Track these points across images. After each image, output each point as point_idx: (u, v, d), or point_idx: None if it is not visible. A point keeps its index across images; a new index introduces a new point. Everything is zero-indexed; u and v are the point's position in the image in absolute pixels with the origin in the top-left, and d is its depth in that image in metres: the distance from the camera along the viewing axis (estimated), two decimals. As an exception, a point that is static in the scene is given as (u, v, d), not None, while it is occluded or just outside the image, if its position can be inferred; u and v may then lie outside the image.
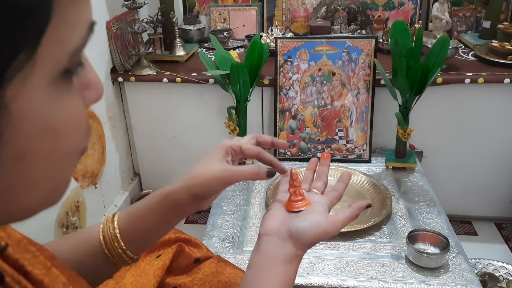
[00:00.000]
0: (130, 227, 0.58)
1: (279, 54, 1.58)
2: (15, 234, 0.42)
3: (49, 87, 0.28)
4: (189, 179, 0.58)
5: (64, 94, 0.29)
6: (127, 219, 0.59)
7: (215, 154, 0.61)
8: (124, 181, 1.84)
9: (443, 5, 1.89)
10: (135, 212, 0.59)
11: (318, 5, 1.98)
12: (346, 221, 0.59)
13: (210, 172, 0.58)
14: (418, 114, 1.57)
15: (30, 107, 0.27)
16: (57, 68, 0.28)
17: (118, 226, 0.58)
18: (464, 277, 1.06)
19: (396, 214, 1.29)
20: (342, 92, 1.58)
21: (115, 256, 0.57)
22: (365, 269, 1.09)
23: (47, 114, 0.28)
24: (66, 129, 0.30)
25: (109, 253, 0.57)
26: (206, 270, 0.78)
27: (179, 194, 0.58)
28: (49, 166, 0.30)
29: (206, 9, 2.07)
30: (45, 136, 0.28)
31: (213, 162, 0.59)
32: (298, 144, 1.62)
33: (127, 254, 0.58)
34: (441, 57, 1.37)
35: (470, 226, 1.82)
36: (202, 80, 1.63)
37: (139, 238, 0.59)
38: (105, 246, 0.57)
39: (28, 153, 0.28)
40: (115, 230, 0.57)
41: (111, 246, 0.57)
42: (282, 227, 0.57)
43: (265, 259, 0.55)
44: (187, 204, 0.58)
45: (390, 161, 1.54)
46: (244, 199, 1.39)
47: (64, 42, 0.28)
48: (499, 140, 1.66)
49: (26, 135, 0.27)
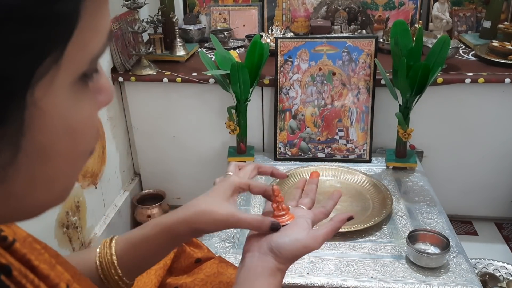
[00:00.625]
0: (127, 255, 0.58)
1: (279, 54, 1.58)
2: (20, 232, 0.42)
3: (70, 89, 0.29)
4: (194, 215, 0.58)
5: (82, 96, 0.31)
6: (125, 246, 0.59)
7: (223, 191, 0.61)
8: (125, 181, 1.84)
9: (443, 5, 1.89)
10: (133, 240, 0.59)
11: (318, 5, 1.98)
12: (327, 235, 0.59)
13: (217, 213, 0.58)
14: (419, 114, 1.57)
15: (54, 107, 0.28)
16: (78, 72, 0.29)
17: (115, 252, 0.58)
18: (465, 277, 1.06)
19: (397, 214, 1.29)
20: (343, 92, 1.58)
21: (111, 282, 0.58)
22: (366, 269, 1.09)
23: (67, 114, 0.29)
24: (83, 129, 0.31)
25: (105, 278, 0.57)
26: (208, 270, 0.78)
27: (180, 227, 0.58)
28: (65, 164, 0.31)
29: (207, 9, 2.07)
30: (65, 135, 0.30)
31: (220, 201, 0.59)
32: (299, 144, 1.62)
33: (123, 280, 0.58)
34: (442, 57, 1.37)
35: (470, 226, 1.82)
36: (203, 80, 1.63)
37: (135, 266, 0.59)
38: (101, 271, 0.57)
39: (48, 151, 0.29)
40: (112, 256, 0.57)
41: (108, 272, 0.57)
42: (263, 243, 0.58)
43: (249, 274, 0.56)
44: (187, 236, 0.59)
45: (390, 161, 1.54)
46: (244, 199, 1.39)
47: (87, 47, 0.29)
48: (499, 140, 1.66)
49: (48, 133, 0.29)
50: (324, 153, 1.61)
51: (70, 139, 0.30)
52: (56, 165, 0.30)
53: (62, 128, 0.29)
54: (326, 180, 1.45)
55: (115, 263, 0.57)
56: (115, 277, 0.57)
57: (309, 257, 1.13)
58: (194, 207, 0.59)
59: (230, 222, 0.58)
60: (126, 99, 1.76)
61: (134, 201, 1.81)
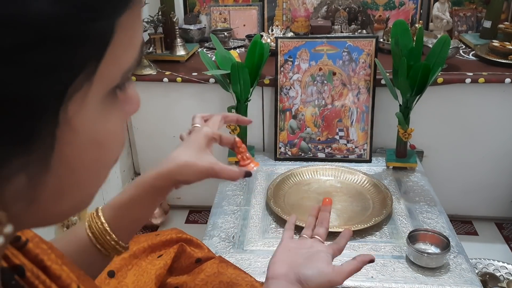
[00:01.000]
0: (118, 220, 0.59)
1: (279, 53, 1.58)
2: (28, 232, 0.43)
3: (101, 102, 0.29)
4: (176, 167, 0.60)
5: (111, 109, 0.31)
6: (113, 212, 0.60)
7: (199, 142, 0.64)
8: (125, 181, 1.84)
9: (443, 5, 1.89)
10: (120, 204, 0.60)
11: (318, 4, 1.98)
12: (351, 273, 0.66)
13: (198, 165, 0.60)
14: (419, 114, 1.57)
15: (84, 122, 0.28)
16: (110, 86, 0.29)
17: (105, 221, 0.59)
18: (465, 277, 1.06)
19: (397, 214, 1.29)
20: (343, 92, 1.58)
21: (108, 248, 0.59)
22: (366, 269, 1.09)
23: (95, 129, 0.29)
24: (109, 142, 0.31)
25: (102, 246, 0.58)
26: (208, 270, 0.78)
27: (164, 182, 0.60)
28: (91, 174, 0.31)
29: (207, 8, 2.07)
30: (91, 148, 0.30)
31: (199, 152, 0.62)
32: (299, 144, 1.62)
33: (120, 244, 0.59)
34: (442, 57, 1.37)
35: (470, 226, 1.82)
36: (203, 80, 1.63)
37: (128, 228, 0.61)
38: (96, 241, 0.58)
39: (75, 163, 0.29)
40: (103, 225, 0.59)
41: (103, 240, 0.58)
42: (290, 272, 0.63)
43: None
44: (170, 188, 0.61)
45: (390, 161, 1.54)
46: (244, 199, 1.39)
47: (119, 62, 0.29)
48: (499, 140, 1.66)
49: (75, 146, 0.29)
50: (324, 153, 1.61)
51: (96, 152, 0.30)
52: (81, 176, 0.30)
53: (90, 141, 0.29)
54: (327, 180, 1.45)
55: (108, 229, 0.58)
56: (111, 242, 0.58)
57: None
58: (175, 160, 0.61)
59: (210, 173, 0.61)
60: (126, 99, 1.76)
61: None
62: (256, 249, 1.17)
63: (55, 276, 0.40)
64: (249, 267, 1.10)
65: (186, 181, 0.61)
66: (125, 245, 0.60)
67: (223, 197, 1.41)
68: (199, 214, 1.92)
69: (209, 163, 0.61)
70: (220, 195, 1.42)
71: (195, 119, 0.72)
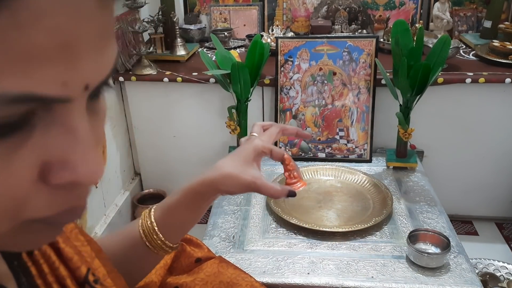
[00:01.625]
0: (165, 220, 0.61)
1: (280, 53, 1.58)
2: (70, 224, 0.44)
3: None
4: (219, 177, 0.61)
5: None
6: (162, 213, 0.62)
7: (247, 155, 0.63)
8: (125, 181, 1.84)
9: (444, 5, 1.89)
10: (167, 206, 0.62)
11: (319, 4, 1.98)
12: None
13: (241, 178, 0.60)
14: (419, 114, 1.57)
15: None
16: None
17: (154, 220, 0.61)
18: (465, 277, 1.06)
19: (397, 214, 1.29)
20: (343, 91, 1.58)
21: (156, 247, 0.61)
22: (366, 269, 1.09)
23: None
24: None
25: (150, 244, 0.60)
26: (208, 270, 0.78)
27: (207, 189, 0.61)
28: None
29: (207, 8, 2.07)
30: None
31: (244, 165, 0.62)
32: (299, 143, 1.62)
33: (166, 244, 0.61)
34: (442, 57, 1.37)
35: (471, 226, 1.82)
36: (203, 79, 1.63)
37: (175, 229, 0.63)
38: (145, 238, 0.60)
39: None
40: (152, 224, 0.61)
41: (151, 238, 0.60)
42: None
43: None
44: (214, 195, 0.62)
45: (391, 161, 1.54)
46: (245, 199, 1.39)
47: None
48: (500, 140, 1.66)
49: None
50: (324, 153, 1.61)
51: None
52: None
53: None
54: (327, 180, 1.45)
55: (156, 229, 0.60)
56: (158, 241, 0.60)
57: (309, 257, 1.13)
58: (220, 170, 0.61)
59: (252, 187, 0.61)
60: (127, 99, 1.76)
61: (134, 200, 1.81)
62: (256, 249, 1.17)
63: (67, 257, 0.41)
64: (249, 267, 1.10)
65: (228, 192, 0.62)
66: (173, 245, 0.62)
67: (223, 197, 1.41)
68: (199, 214, 1.92)
69: (251, 178, 0.60)
70: (220, 195, 1.42)
71: (254, 127, 0.70)
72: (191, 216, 0.63)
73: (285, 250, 1.16)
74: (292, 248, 1.16)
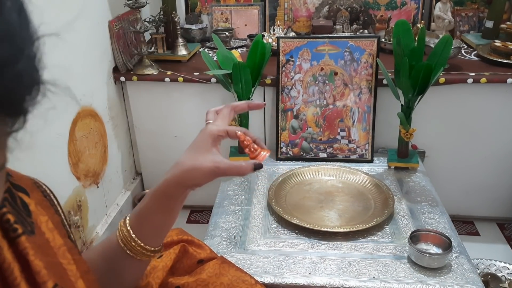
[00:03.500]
0: (141, 226, 0.62)
1: (281, 53, 1.58)
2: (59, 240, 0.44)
3: None
4: (182, 173, 0.60)
5: None
6: (136, 220, 0.62)
7: (203, 143, 0.63)
8: (126, 181, 1.85)
9: (445, 5, 1.89)
10: (139, 213, 0.62)
11: (320, 4, 1.98)
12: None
13: (203, 167, 0.60)
14: (421, 114, 1.57)
15: None
16: None
17: (130, 228, 0.61)
18: (467, 277, 1.06)
19: (399, 214, 1.29)
20: (344, 91, 1.58)
21: (137, 253, 0.61)
22: (367, 269, 1.09)
23: None
24: None
25: (131, 252, 0.61)
26: (210, 271, 0.78)
27: (174, 189, 0.60)
28: None
29: (208, 8, 2.07)
30: None
31: (203, 154, 0.61)
32: (300, 143, 1.62)
33: (147, 248, 0.61)
34: (444, 57, 1.36)
35: (472, 226, 1.82)
36: (204, 79, 1.63)
37: (152, 233, 0.62)
38: (125, 247, 0.61)
39: None
40: (129, 232, 0.61)
41: (130, 246, 0.61)
42: None
43: None
44: (183, 193, 0.61)
45: (392, 161, 1.54)
46: (246, 199, 1.39)
47: None
48: (501, 140, 1.66)
49: None
50: (325, 153, 1.61)
51: None
52: None
53: None
54: (328, 180, 1.45)
55: (133, 236, 0.61)
56: (137, 248, 0.61)
57: (311, 257, 1.13)
58: (181, 166, 0.61)
59: (217, 172, 0.60)
60: (128, 99, 1.76)
61: (135, 200, 1.81)
62: (258, 249, 1.17)
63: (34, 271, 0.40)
64: (250, 267, 1.10)
65: (196, 185, 0.61)
66: (154, 248, 0.62)
67: (225, 197, 1.41)
68: (200, 214, 1.92)
69: (213, 164, 0.60)
70: (221, 195, 1.42)
71: (208, 115, 0.71)
72: (165, 218, 0.62)
73: (286, 250, 1.16)
74: (294, 248, 1.16)
